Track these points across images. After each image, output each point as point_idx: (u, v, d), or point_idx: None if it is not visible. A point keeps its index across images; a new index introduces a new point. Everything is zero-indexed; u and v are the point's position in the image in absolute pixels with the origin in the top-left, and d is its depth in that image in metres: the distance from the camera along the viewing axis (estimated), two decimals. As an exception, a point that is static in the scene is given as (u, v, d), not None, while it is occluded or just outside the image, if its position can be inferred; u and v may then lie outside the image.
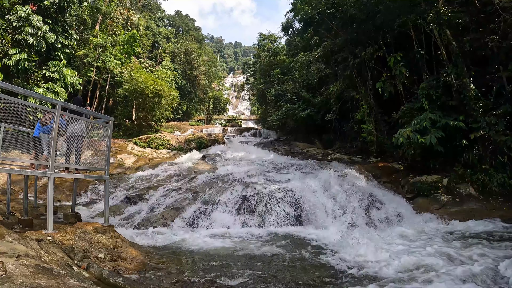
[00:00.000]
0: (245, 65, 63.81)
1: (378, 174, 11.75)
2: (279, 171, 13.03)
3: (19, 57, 15.51)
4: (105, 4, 25.82)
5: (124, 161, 16.70)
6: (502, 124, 9.20)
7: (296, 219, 8.65)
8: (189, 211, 8.73)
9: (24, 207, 6.09)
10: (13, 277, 2.56)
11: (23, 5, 16.00)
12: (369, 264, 5.29)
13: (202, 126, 38.74)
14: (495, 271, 4.68)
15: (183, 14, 64.55)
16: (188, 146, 22.36)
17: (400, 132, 10.48)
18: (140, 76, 24.04)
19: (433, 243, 6.36)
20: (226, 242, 6.77)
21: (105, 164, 6.19)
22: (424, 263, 5.17)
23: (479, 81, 10.33)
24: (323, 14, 14.78)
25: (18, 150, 6.76)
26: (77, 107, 5.88)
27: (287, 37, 34.97)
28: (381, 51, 13.18)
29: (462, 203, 9.17)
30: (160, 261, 5.13)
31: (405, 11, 11.69)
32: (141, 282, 4.14)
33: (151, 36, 43.66)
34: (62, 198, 11.13)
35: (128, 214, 8.92)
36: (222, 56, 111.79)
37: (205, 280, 4.34)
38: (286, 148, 21.67)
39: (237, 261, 5.48)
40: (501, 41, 9.37)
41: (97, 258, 4.48)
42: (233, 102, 71.69)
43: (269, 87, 29.00)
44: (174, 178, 12.38)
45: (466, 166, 10.10)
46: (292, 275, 4.81)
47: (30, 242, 3.84)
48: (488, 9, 9.68)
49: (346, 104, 17.51)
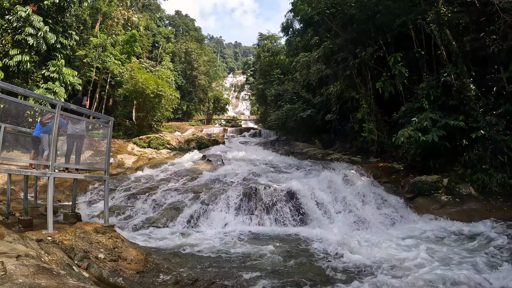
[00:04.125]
0: (245, 65, 63.82)
1: (378, 174, 11.75)
2: (279, 171, 13.03)
3: (20, 58, 15.52)
4: (105, 4, 25.81)
5: (124, 161, 16.69)
6: (502, 124, 9.20)
7: (296, 218, 8.65)
8: (189, 211, 8.73)
9: (24, 207, 6.08)
10: (13, 277, 2.56)
11: (23, 5, 15.99)
12: (369, 264, 5.29)
13: (202, 126, 38.72)
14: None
15: (183, 14, 64.56)
16: (188, 146, 22.35)
17: (401, 132, 10.47)
18: (141, 76, 24.02)
19: (432, 243, 6.37)
20: (226, 242, 6.77)
21: (105, 164, 6.19)
22: (419, 262, 5.19)
23: (479, 81, 10.33)
24: (323, 14, 14.76)
25: (18, 150, 6.76)
26: (77, 107, 5.88)
27: (287, 37, 34.97)
28: (381, 51, 13.17)
29: (462, 203, 9.17)
30: (160, 261, 5.13)
31: (405, 11, 11.68)
32: (141, 282, 4.14)
33: (151, 36, 43.67)
34: (62, 198, 11.13)
35: (128, 214, 8.92)
36: (222, 56, 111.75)
37: (206, 280, 4.33)
38: (286, 148, 21.66)
39: (237, 260, 5.48)
40: (501, 42, 9.36)
41: (97, 258, 4.48)
42: (233, 102, 71.61)
43: (269, 87, 28.97)
44: (174, 178, 12.38)
45: (466, 166, 10.10)
46: (292, 274, 4.81)
47: (30, 242, 3.84)
48: (488, 9, 9.68)
49: (346, 104, 17.50)
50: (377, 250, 5.94)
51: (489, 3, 9.66)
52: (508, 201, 8.80)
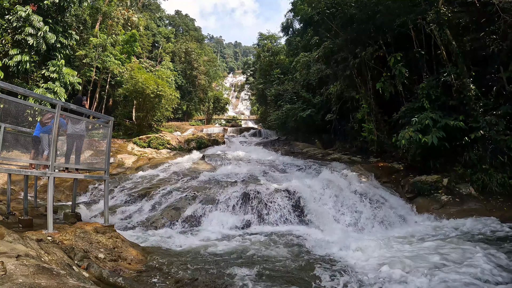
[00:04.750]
0: (245, 65, 63.74)
1: (378, 174, 11.75)
2: (279, 171, 13.03)
3: (20, 58, 15.52)
4: (105, 4, 25.80)
5: (124, 161, 16.69)
6: (502, 124, 9.20)
7: (296, 218, 8.64)
8: (189, 210, 8.73)
9: (24, 207, 6.09)
10: (13, 277, 2.56)
11: (23, 5, 15.98)
12: (369, 264, 5.29)
13: (202, 126, 38.73)
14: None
15: (183, 14, 64.58)
16: (188, 146, 22.35)
17: (402, 133, 10.46)
18: (141, 76, 24.03)
19: (431, 243, 6.37)
20: (226, 242, 6.76)
21: (105, 164, 6.19)
22: (420, 261, 5.18)
23: (479, 81, 10.32)
24: (323, 14, 14.75)
25: (18, 150, 6.76)
26: (77, 107, 5.88)
27: (287, 37, 35.00)
28: (381, 51, 13.17)
29: (462, 203, 9.17)
30: (161, 261, 5.13)
31: (405, 11, 11.68)
32: (141, 282, 4.14)
33: (151, 36, 43.67)
34: (62, 198, 11.13)
35: (128, 214, 8.92)
36: (222, 56, 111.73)
37: (206, 280, 4.33)
38: (286, 148, 21.66)
39: (237, 260, 5.48)
40: (501, 42, 9.36)
41: (97, 258, 4.48)
42: (233, 102, 71.63)
43: (269, 87, 28.96)
44: (174, 178, 12.38)
45: (466, 166, 10.09)
46: (292, 274, 4.81)
47: (30, 242, 3.84)
48: (488, 9, 9.68)
49: (346, 104, 17.51)
50: (377, 250, 5.94)
51: (489, 3, 9.66)
52: (508, 201, 8.80)
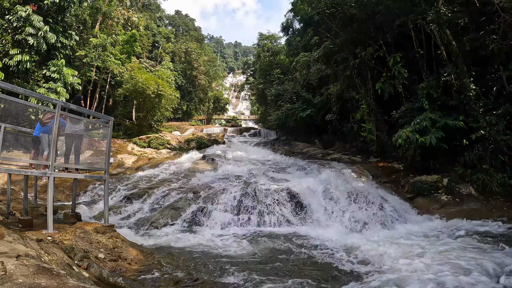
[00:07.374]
0: (245, 65, 63.83)
1: (378, 174, 11.75)
2: (279, 170, 13.03)
3: (20, 58, 15.52)
4: (105, 4, 25.79)
5: (124, 161, 16.69)
6: (502, 124, 9.20)
7: (296, 218, 8.64)
8: (189, 210, 8.73)
9: (24, 207, 6.08)
10: (13, 277, 2.56)
11: (23, 5, 15.98)
12: (368, 264, 5.29)
13: (202, 126, 38.73)
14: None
15: (183, 14, 64.66)
16: (188, 146, 22.34)
17: (400, 132, 10.47)
18: (141, 76, 24.03)
19: (430, 243, 6.37)
20: (226, 242, 6.77)
21: (105, 164, 6.19)
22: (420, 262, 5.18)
23: (479, 81, 10.33)
24: (323, 14, 14.75)
25: (18, 150, 6.75)
26: (77, 107, 5.87)
27: (287, 37, 35.00)
28: (381, 51, 13.17)
29: (462, 203, 9.17)
30: (161, 261, 5.13)
31: (405, 11, 11.68)
32: (141, 282, 4.14)
33: (151, 36, 43.67)
34: (62, 198, 11.13)
35: (128, 214, 8.93)
36: (222, 56, 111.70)
37: (206, 280, 4.33)
38: (286, 148, 21.66)
39: (237, 260, 5.48)
40: (501, 42, 9.36)
41: (97, 258, 4.48)
42: (233, 102, 71.62)
43: (269, 87, 28.95)
44: (174, 178, 12.38)
45: (466, 166, 10.10)
46: (292, 274, 4.81)
47: (30, 242, 3.84)
48: (488, 9, 9.68)
49: (346, 104, 17.51)
50: (377, 250, 5.94)
51: (489, 2, 9.67)
52: (508, 201, 8.80)
